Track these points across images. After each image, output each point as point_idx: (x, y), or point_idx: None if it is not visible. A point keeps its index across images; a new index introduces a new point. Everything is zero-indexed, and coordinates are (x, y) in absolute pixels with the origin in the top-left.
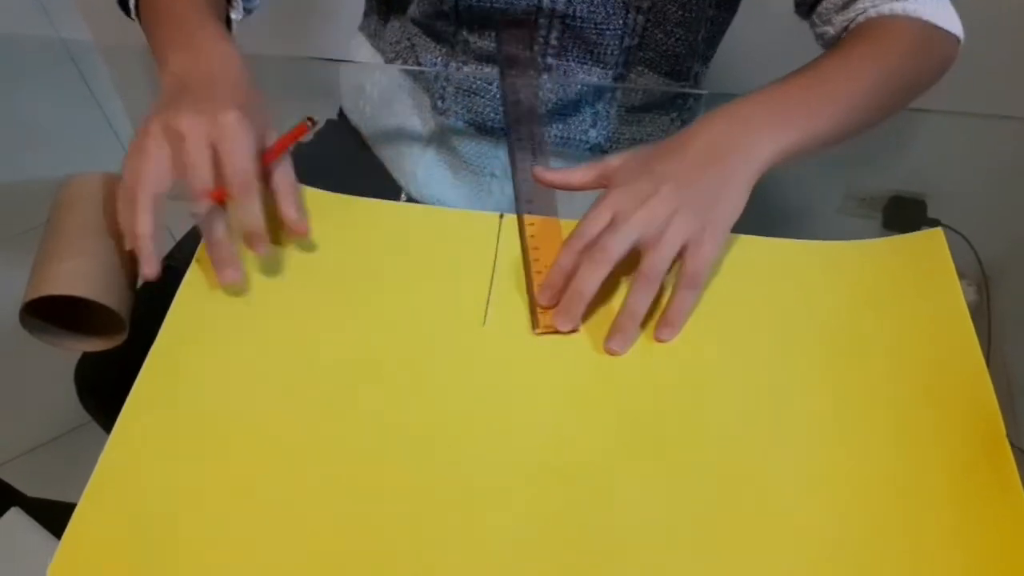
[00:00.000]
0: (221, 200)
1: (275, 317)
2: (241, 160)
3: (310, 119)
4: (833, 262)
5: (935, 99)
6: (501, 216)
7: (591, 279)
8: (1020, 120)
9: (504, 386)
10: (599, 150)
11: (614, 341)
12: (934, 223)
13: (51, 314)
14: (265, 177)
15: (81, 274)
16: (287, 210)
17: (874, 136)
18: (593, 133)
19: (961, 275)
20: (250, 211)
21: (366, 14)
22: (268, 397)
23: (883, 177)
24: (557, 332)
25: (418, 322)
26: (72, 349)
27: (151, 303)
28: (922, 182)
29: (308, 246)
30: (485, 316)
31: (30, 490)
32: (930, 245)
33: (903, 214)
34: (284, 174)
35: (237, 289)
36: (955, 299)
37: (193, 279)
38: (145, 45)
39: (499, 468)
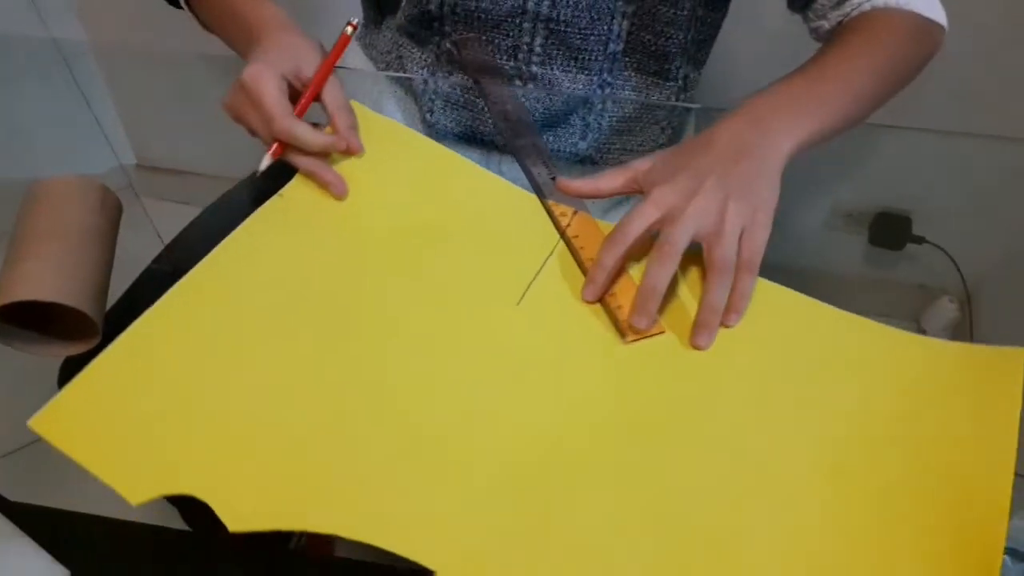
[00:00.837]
0: (280, 153)
1: (321, 248)
2: (265, 114)
3: (350, 23)
4: (902, 354)
5: (922, 118)
6: (575, 213)
7: (662, 275)
8: (1004, 140)
9: (518, 366)
10: (590, 161)
11: (700, 338)
12: (919, 240)
13: (24, 320)
14: (319, 100)
15: (36, 278)
16: (340, 131)
17: (861, 154)
18: (583, 144)
19: (944, 292)
20: (301, 143)
21: (364, 24)
22: (298, 316)
23: (869, 194)
24: (644, 337)
25: (455, 286)
26: (44, 355)
27: (135, 307)
28: (908, 199)
29: (365, 183)
30: (522, 297)
31: (11, 494)
32: (1006, 364)
33: (889, 230)
34: (333, 97)
35: (307, 224)
36: (1007, 426)
37: (267, 214)
38: (137, 47)
39: (490, 438)
